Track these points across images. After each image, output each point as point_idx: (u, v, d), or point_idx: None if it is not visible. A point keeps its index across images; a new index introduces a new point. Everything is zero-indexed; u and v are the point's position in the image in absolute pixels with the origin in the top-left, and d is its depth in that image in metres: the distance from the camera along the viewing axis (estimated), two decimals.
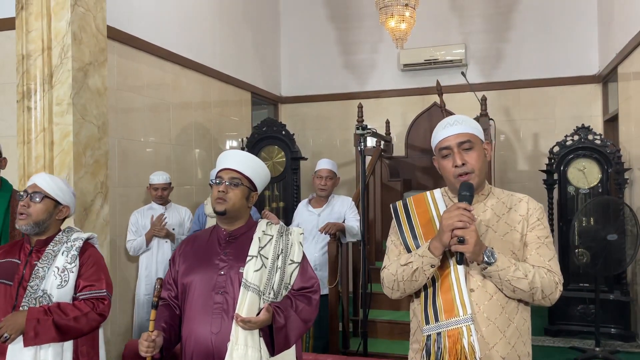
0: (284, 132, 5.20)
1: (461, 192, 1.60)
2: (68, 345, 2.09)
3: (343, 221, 3.86)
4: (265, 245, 1.94)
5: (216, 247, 1.96)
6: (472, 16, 6.36)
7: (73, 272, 2.13)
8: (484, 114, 4.74)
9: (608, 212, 4.31)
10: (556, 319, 4.84)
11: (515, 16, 6.22)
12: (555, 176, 4.93)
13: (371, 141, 5.91)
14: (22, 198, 2.18)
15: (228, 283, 1.87)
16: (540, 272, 1.59)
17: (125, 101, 4.07)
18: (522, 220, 1.67)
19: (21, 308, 2.05)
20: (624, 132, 5.09)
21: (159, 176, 4.09)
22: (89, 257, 2.19)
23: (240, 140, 5.76)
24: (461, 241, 1.51)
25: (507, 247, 1.64)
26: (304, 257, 2.01)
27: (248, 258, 1.89)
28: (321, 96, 6.83)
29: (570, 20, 6.00)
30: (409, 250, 1.71)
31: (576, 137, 4.86)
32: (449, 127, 1.68)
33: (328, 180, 3.92)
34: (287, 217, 4.92)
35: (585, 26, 5.95)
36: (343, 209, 3.93)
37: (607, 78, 5.66)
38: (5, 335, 1.98)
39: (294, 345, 1.91)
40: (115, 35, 3.84)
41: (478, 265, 1.58)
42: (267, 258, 1.91)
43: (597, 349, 4.18)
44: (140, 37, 4.18)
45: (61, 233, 2.24)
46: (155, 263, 4.00)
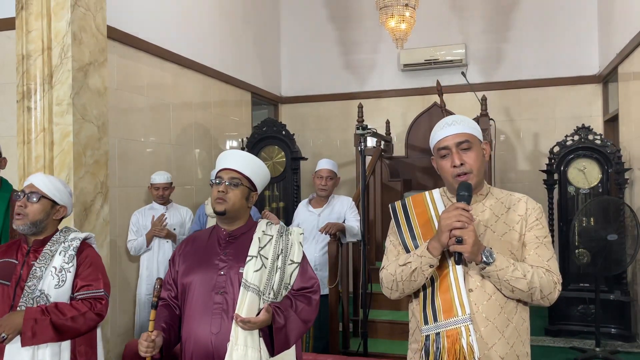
0: (284, 132, 5.20)
1: (459, 192, 1.59)
2: (66, 345, 2.09)
3: (343, 221, 3.86)
4: (265, 245, 1.94)
5: (216, 247, 1.96)
6: (472, 16, 6.36)
7: (70, 272, 2.13)
8: (484, 114, 4.74)
9: (608, 212, 4.31)
10: (556, 319, 4.84)
11: (515, 16, 6.22)
12: (555, 176, 4.92)
13: (371, 141, 5.92)
14: (19, 198, 2.18)
15: (228, 283, 1.87)
16: (538, 272, 1.59)
17: (125, 101, 4.07)
18: (521, 220, 1.67)
19: (19, 308, 2.05)
20: (624, 132, 5.09)
21: (160, 176, 4.10)
22: (87, 257, 2.18)
23: (240, 140, 5.76)
24: (459, 241, 1.51)
25: (506, 247, 1.64)
26: (304, 257, 2.01)
27: (248, 258, 1.89)
28: (321, 96, 6.83)
29: (570, 20, 6.00)
30: (408, 250, 1.71)
31: (576, 137, 4.85)
32: (447, 127, 1.68)
33: (328, 180, 3.92)
34: (287, 217, 4.92)
35: (585, 26, 5.95)
36: (343, 209, 3.93)
37: (608, 78, 5.66)
38: (2, 335, 1.98)
39: (294, 345, 1.90)
40: (115, 35, 3.84)
41: (477, 265, 1.57)
42: (267, 258, 1.91)
43: (598, 349, 4.18)
44: (140, 37, 4.19)
45: (58, 233, 2.24)
46: (156, 263, 4.00)
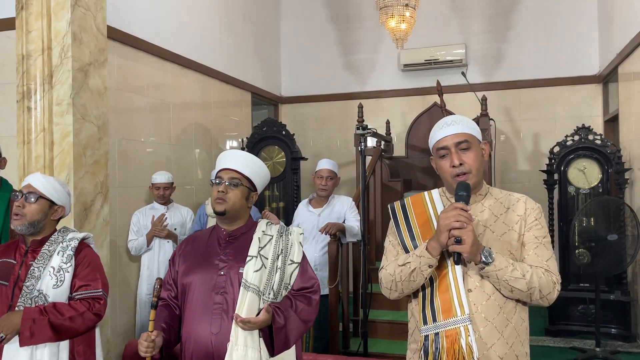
0: (284, 132, 5.20)
1: (458, 192, 1.59)
2: (64, 345, 2.10)
3: (343, 221, 3.86)
4: (265, 245, 1.94)
5: (216, 248, 1.96)
6: (472, 16, 6.35)
7: (69, 272, 2.13)
8: (485, 114, 4.74)
9: (608, 212, 4.31)
10: (557, 319, 4.84)
11: (515, 16, 6.22)
12: (555, 176, 4.92)
13: (371, 141, 5.91)
14: (17, 198, 2.18)
15: (228, 283, 1.86)
16: (538, 272, 1.59)
17: (125, 101, 4.07)
18: (520, 220, 1.67)
19: (17, 308, 2.05)
20: (625, 132, 5.09)
21: (162, 175, 4.10)
22: (85, 257, 2.19)
23: (240, 140, 5.76)
24: (458, 241, 1.51)
25: (505, 247, 1.63)
26: (304, 258, 2.00)
27: (248, 258, 1.89)
28: (321, 96, 6.83)
29: (570, 20, 5.99)
30: (407, 250, 1.71)
31: (576, 137, 4.85)
32: (447, 127, 1.68)
33: (329, 180, 3.92)
34: (287, 217, 4.92)
35: (585, 26, 5.95)
36: (343, 209, 3.93)
37: (608, 78, 5.65)
38: (1, 335, 1.98)
39: (294, 345, 1.90)
40: (115, 35, 3.84)
41: (476, 265, 1.57)
42: (267, 258, 1.91)
43: (598, 349, 4.18)
44: (140, 37, 4.19)
45: (56, 233, 2.24)
46: (157, 263, 4.00)
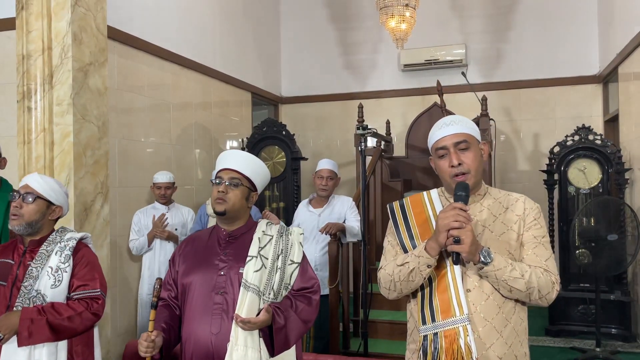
0: (284, 133, 5.20)
1: (457, 192, 1.59)
2: (62, 344, 2.10)
3: (343, 221, 3.86)
4: (265, 245, 1.94)
5: (216, 248, 1.96)
6: (472, 16, 6.35)
7: (67, 272, 2.13)
8: (485, 114, 4.74)
9: (608, 212, 4.31)
10: (557, 319, 4.84)
11: (515, 16, 6.22)
12: (555, 176, 4.92)
13: (371, 141, 5.91)
14: (15, 199, 2.18)
15: (228, 283, 1.86)
16: (536, 272, 1.59)
17: (125, 101, 4.07)
18: (519, 220, 1.67)
19: (15, 308, 2.05)
20: (625, 132, 5.09)
21: (163, 175, 4.11)
22: (83, 257, 2.19)
23: (240, 140, 5.76)
24: (457, 241, 1.51)
25: (504, 247, 1.64)
26: (304, 258, 2.00)
27: (248, 258, 1.89)
28: (321, 96, 6.83)
29: (570, 20, 5.99)
30: (406, 250, 1.71)
31: (576, 137, 4.85)
32: (445, 127, 1.68)
33: (329, 180, 3.92)
34: (287, 217, 4.92)
35: (585, 26, 5.94)
36: (343, 209, 3.93)
37: (608, 78, 5.65)
38: None
39: (294, 345, 1.90)
40: (115, 35, 3.85)
41: (474, 265, 1.57)
42: (267, 258, 1.91)
43: (598, 350, 4.18)
44: (140, 37, 4.19)
45: (54, 233, 2.24)
46: (157, 263, 4.00)
